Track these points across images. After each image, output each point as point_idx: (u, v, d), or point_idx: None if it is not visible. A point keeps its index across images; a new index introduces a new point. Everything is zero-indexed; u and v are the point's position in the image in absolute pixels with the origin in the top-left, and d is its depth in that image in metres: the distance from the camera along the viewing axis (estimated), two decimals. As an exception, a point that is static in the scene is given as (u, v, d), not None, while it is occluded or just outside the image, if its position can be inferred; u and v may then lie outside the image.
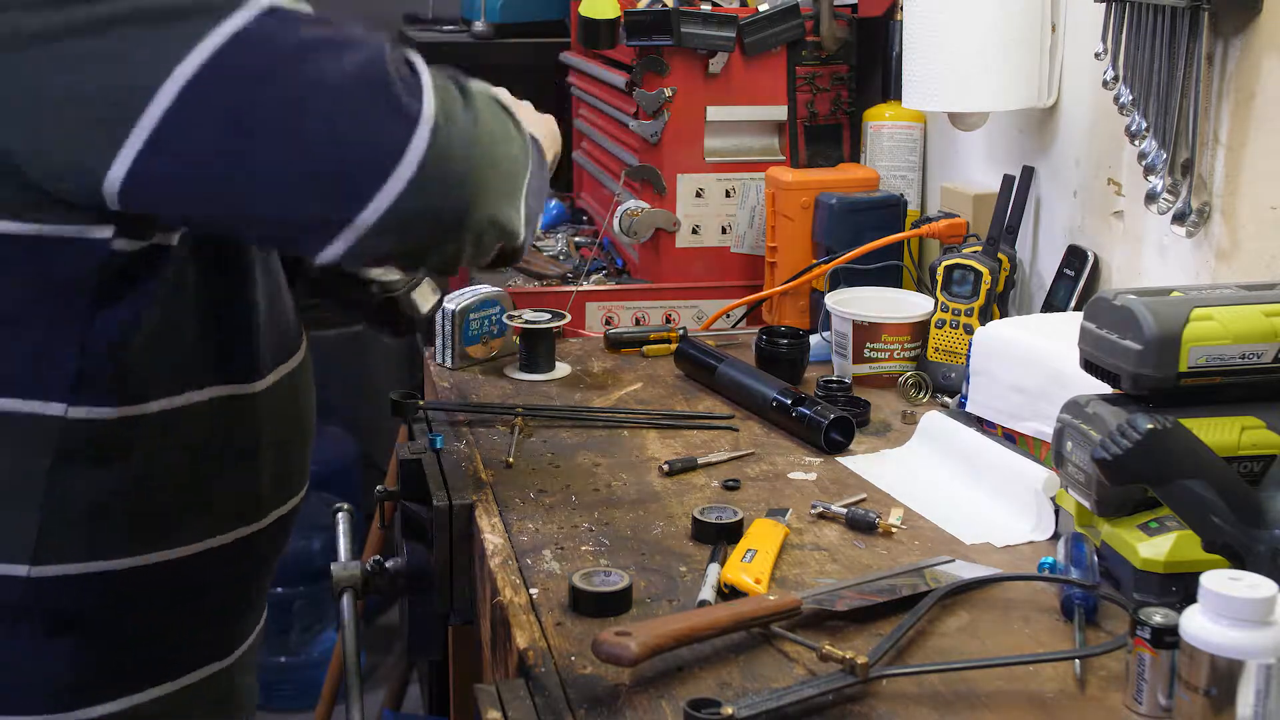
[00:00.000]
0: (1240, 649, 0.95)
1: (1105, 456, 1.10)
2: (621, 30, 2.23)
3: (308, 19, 1.00)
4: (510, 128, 1.12)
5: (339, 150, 0.99)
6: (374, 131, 0.99)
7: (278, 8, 0.99)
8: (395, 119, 0.99)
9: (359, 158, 0.99)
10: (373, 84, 0.98)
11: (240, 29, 0.97)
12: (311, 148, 0.99)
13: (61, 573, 1.13)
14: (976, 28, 1.80)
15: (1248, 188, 1.48)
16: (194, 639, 1.24)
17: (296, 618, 3.24)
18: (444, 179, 1.01)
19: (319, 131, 0.98)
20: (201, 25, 0.97)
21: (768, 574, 1.26)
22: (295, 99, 0.97)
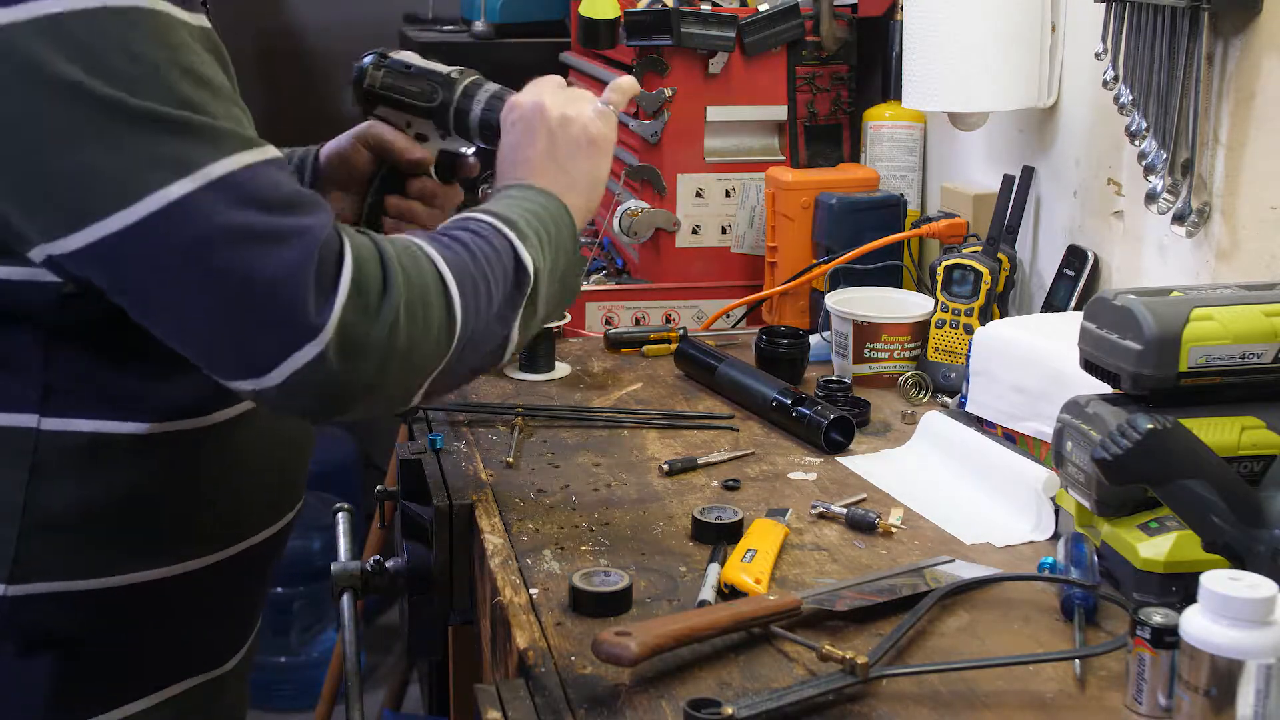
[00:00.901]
0: (1240, 649, 0.95)
1: (1105, 456, 1.10)
2: (621, 30, 2.23)
3: (255, 195, 1.01)
4: (434, 318, 1.09)
5: (227, 341, 1.03)
6: (258, 342, 1.02)
7: (229, 178, 1.01)
8: (285, 336, 1.01)
9: (240, 352, 1.03)
10: (279, 300, 1.00)
11: (187, 195, 0.99)
12: (203, 328, 1.03)
13: (39, 591, 1.11)
14: (976, 28, 1.80)
15: (1248, 188, 1.48)
16: (178, 655, 1.22)
17: (296, 618, 3.24)
18: (314, 390, 1.03)
19: (212, 322, 1.02)
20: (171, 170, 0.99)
21: (768, 574, 1.26)
22: (203, 286, 1.00)
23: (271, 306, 1.00)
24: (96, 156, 0.99)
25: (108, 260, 1.01)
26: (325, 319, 1.01)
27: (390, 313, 1.04)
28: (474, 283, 1.12)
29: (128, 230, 0.99)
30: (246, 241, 1.00)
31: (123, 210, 0.99)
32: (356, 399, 1.06)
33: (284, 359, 1.01)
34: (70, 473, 1.11)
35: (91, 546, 1.13)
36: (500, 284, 1.15)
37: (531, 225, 1.20)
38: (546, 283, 1.20)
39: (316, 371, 1.02)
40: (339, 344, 1.02)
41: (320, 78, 3.86)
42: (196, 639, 1.23)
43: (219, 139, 1.02)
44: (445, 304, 1.10)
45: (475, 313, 1.12)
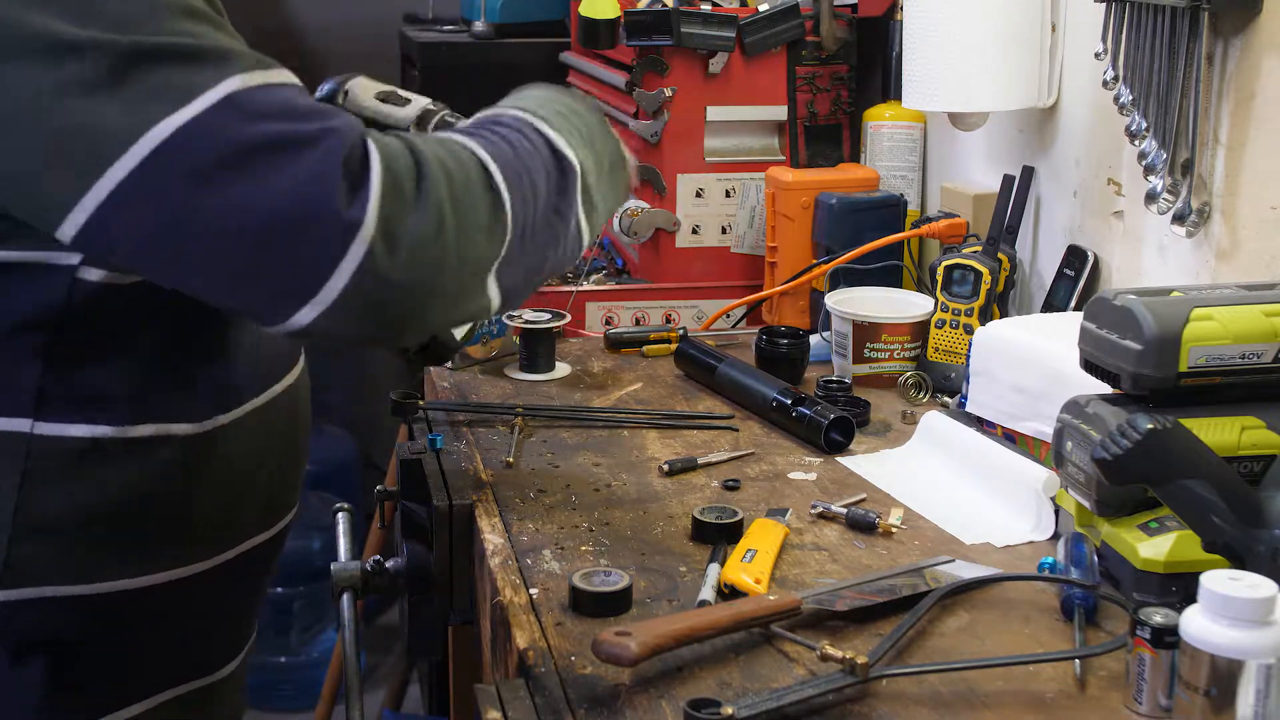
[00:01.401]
0: (1240, 649, 0.95)
1: (1105, 456, 1.10)
2: (621, 30, 2.23)
3: (267, 109, 0.96)
4: (480, 204, 1.03)
5: (267, 267, 0.97)
6: (302, 256, 0.96)
7: (236, 96, 0.96)
8: (326, 241, 0.95)
9: (285, 276, 0.97)
10: (310, 203, 0.94)
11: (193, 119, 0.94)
12: (242, 260, 0.97)
13: (32, 596, 1.10)
14: (976, 28, 1.80)
15: (1248, 188, 1.48)
16: (172, 660, 1.21)
17: (296, 618, 3.24)
18: (374, 298, 0.97)
19: (247, 250, 0.96)
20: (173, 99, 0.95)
21: (768, 574, 1.26)
22: (229, 210, 0.95)
23: (303, 215, 0.94)
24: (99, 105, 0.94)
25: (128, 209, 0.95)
26: (362, 213, 0.94)
27: (432, 200, 0.98)
28: (517, 173, 1.06)
29: (138, 169, 0.94)
30: (265, 152, 0.94)
31: (131, 149, 0.93)
32: (422, 301, 0.99)
33: (332, 269, 0.94)
34: (63, 477, 1.09)
35: (84, 551, 1.11)
36: (544, 176, 1.09)
37: (563, 119, 1.14)
38: (595, 175, 1.14)
39: (369, 275, 0.95)
40: (384, 238, 0.95)
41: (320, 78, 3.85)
42: (191, 645, 1.22)
43: (223, 59, 0.97)
44: (490, 187, 1.03)
45: (523, 201, 1.06)
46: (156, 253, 0.98)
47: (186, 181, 0.94)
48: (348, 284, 0.95)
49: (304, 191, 0.94)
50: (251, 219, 0.94)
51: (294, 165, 0.95)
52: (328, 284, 0.96)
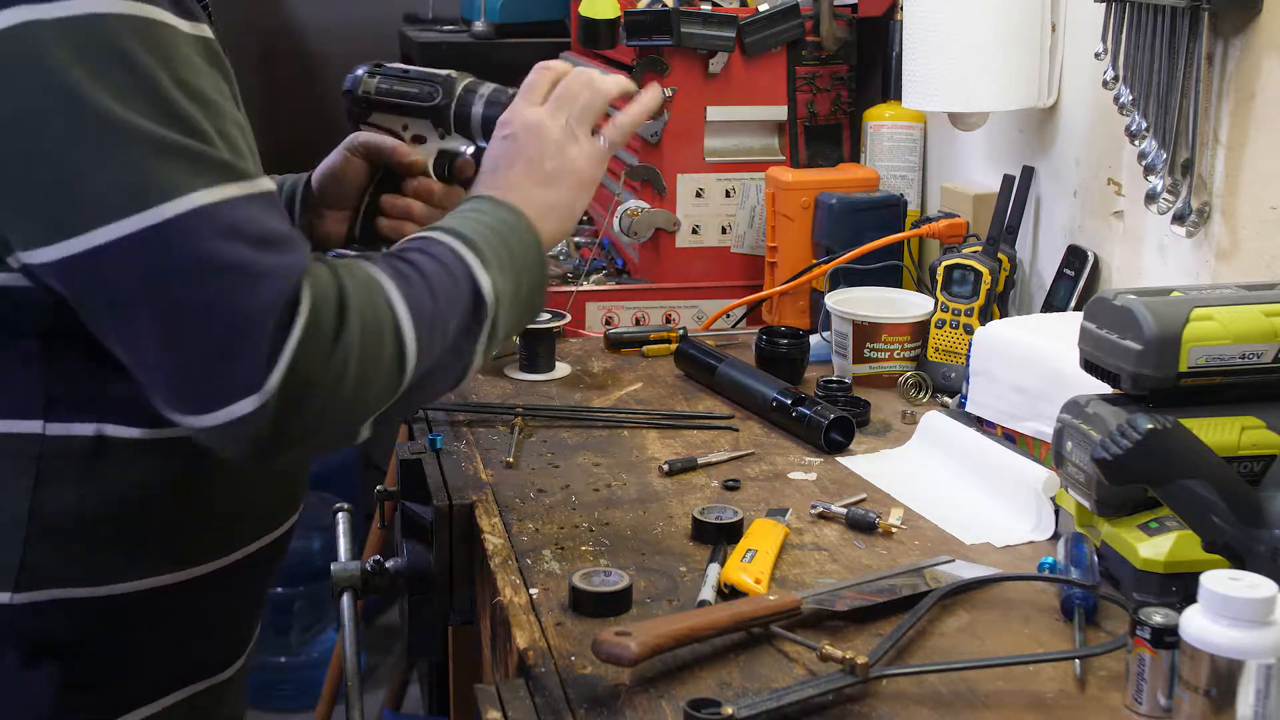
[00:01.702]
0: (1240, 649, 0.95)
1: (1105, 456, 1.10)
2: (621, 30, 2.23)
3: (224, 225, 0.99)
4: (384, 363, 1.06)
5: (178, 379, 1.02)
6: (205, 386, 1.00)
7: (212, 209, 0.99)
8: (234, 382, 1.00)
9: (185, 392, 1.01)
10: (234, 343, 0.99)
11: (166, 220, 0.98)
12: (158, 362, 1.01)
13: (44, 598, 1.11)
14: (976, 28, 1.80)
15: (1248, 188, 1.48)
16: (179, 661, 1.22)
17: (296, 618, 3.23)
18: (257, 434, 1.01)
19: (167, 356, 1.01)
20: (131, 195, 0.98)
21: (768, 574, 1.26)
22: (163, 315, 0.99)
23: (224, 349, 0.99)
24: (83, 169, 0.98)
25: (77, 275, 1.00)
26: (269, 378, 0.99)
27: (339, 358, 1.02)
28: (430, 321, 1.09)
29: (102, 248, 0.98)
30: (216, 274, 0.99)
31: (102, 228, 0.98)
32: (290, 448, 1.04)
33: (222, 407, 1.00)
34: (73, 478, 1.11)
35: (94, 553, 1.13)
36: (458, 315, 1.12)
37: (493, 247, 1.16)
38: (508, 308, 1.17)
39: (249, 425, 1.00)
40: (283, 392, 1.00)
41: (320, 78, 3.86)
42: (197, 646, 1.23)
43: (208, 167, 1.00)
44: (398, 349, 1.07)
45: (429, 352, 1.10)
46: (86, 311, 1.03)
47: (139, 276, 0.99)
48: (226, 424, 1.00)
49: (233, 330, 0.99)
50: (180, 331, 0.99)
51: (233, 299, 0.99)
52: (210, 414, 1.00)
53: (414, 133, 1.42)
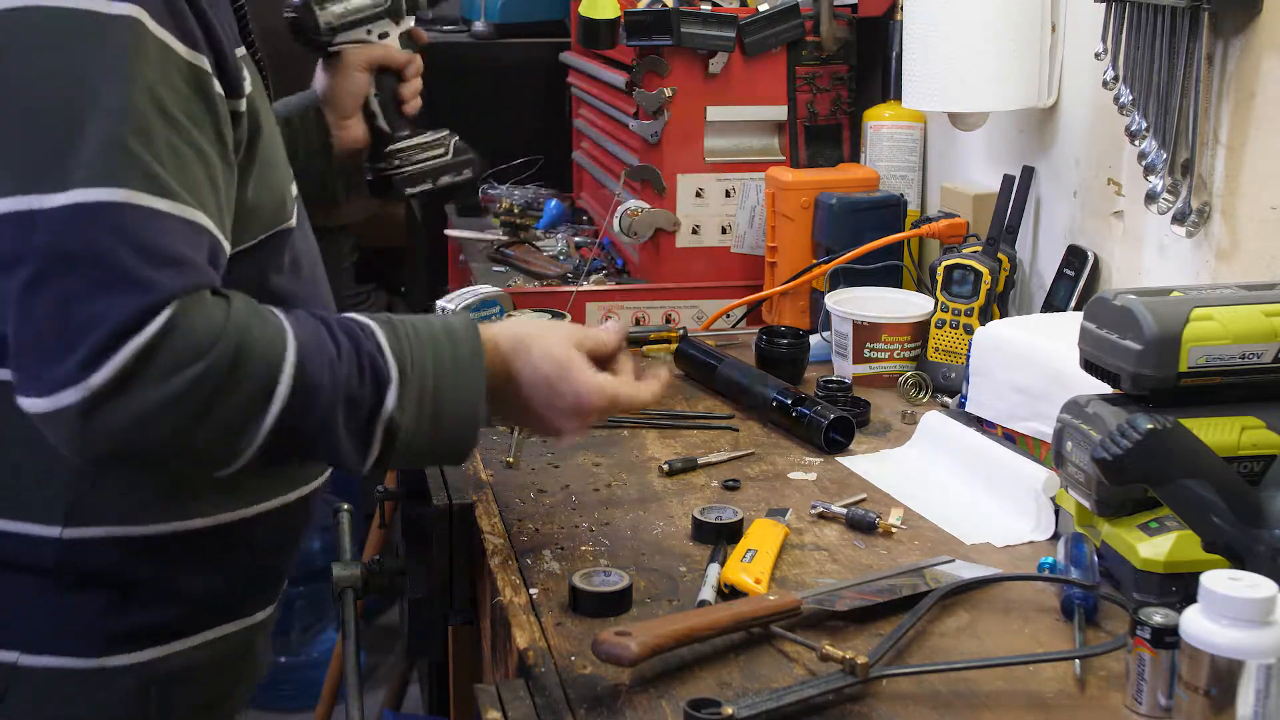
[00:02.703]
0: (1240, 649, 0.95)
1: (1105, 456, 1.10)
2: (621, 30, 2.23)
3: (116, 226, 1.03)
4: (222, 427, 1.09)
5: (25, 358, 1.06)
6: (43, 369, 1.04)
7: (94, 205, 1.03)
8: (55, 366, 1.03)
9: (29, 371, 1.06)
10: (77, 332, 1.03)
11: (36, 209, 1.03)
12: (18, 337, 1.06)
13: (93, 535, 1.20)
14: (976, 28, 1.80)
15: (1248, 188, 1.48)
16: (218, 601, 1.30)
17: (296, 618, 3.23)
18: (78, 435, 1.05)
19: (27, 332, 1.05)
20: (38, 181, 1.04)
21: (768, 574, 1.26)
22: (29, 288, 1.04)
23: (68, 339, 1.02)
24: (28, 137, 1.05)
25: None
26: (94, 376, 1.02)
27: (178, 385, 1.05)
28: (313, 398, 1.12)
29: (5, 217, 1.04)
30: (88, 266, 1.03)
31: (14, 197, 1.04)
32: (110, 451, 1.07)
33: (49, 393, 1.03)
34: None
35: (137, 494, 1.22)
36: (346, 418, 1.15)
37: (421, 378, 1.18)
38: (404, 441, 1.18)
39: (69, 416, 1.03)
40: (98, 399, 1.03)
41: (320, 78, 3.85)
42: (233, 587, 1.31)
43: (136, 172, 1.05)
44: (259, 405, 1.09)
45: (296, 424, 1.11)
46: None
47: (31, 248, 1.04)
48: (58, 408, 1.03)
49: (79, 322, 1.03)
50: (24, 315, 1.04)
51: (91, 294, 1.03)
52: (50, 395, 1.03)
53: (379, 32, 1.60)
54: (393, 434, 1.17)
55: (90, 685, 1.23)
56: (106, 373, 1.02)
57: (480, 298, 1.89)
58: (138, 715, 1.25)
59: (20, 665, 1.22)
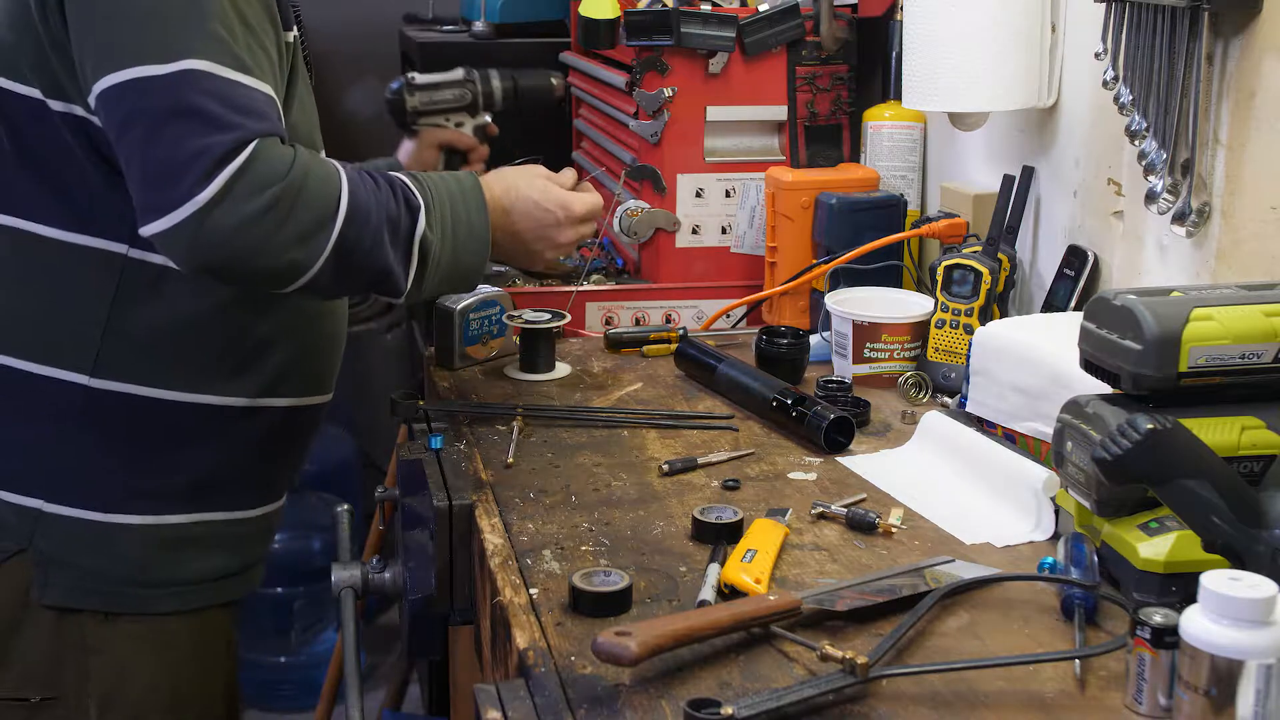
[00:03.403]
0: (1240, 649, 0.95)
1: (1105, 456, 1.10)
2: (621, 30, 2.23)
3: (210, 89, 1.32)
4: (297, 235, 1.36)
5: (150, 188, 1.34)
6: (166, 193, 1.32)
7: (192, 73, 1.32)
8: (171, 193, 1.32)
9: (155, 198, 1.34)
10: (190, 165, 1.31)
11: (150, 76, 1.32)
12: (141, 175, 1.34)
13: (117, 389, 1.46)
14: (976, 28, 1.80)
15: (1248, 188, 1.48)
16: (217, 482, 1.52)
17: (296, 618, 3.23)
18: (190, 246, 1.33)
19: (147, 171, 1.33)
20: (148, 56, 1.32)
21: (768, 574, 1.26)
22: (135, 144, 1.33)
23: (164, 172, 1.31)
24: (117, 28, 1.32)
25: (108, 107, 1.33)
26: (201, 194, 1.30)
27: (267, 200, 1.32)
28: (365, 213, 1.41)
29: (111, 89, 1.32)
30: (188, 116, 1.31)
31: (131, 68, 1.31)
32: (218, 258, 1.33)
33: (167, 214, 1.31)
34: (144, 296, 1.44)
35: (155, 360, 1.46)
36: (389, 228, 1.43)
37: (441, 207, 1.50)
38: (437, 255, 1.48)
39: (184, 230, 1.31)
40: (206, 213, 1.30)
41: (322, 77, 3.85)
42: (230, 476, 1.54)
43: (221, 50, 1.33)
44: (326, 214, 1.37)
45: (353, 236, 1.39)
46: (113, 135, 1.35)
47: (128, 114, 1.33)
48: (176, 222, 1.31)
49: (179, 154, 1.31)
50: (143, 157, 1.33)
51: (188, 135, 1.31)
52: (167, 215, 1.31)
53: (455, 121, 2.02)
54: (426, 252, 1.47)
55: (103, 537, 1.47)
56: (212, 190, 1.30)
57: (480, 298, 1.89)
58: (140, 572, 1.49)
59: (45, 511, 1.46)
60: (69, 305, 1.45)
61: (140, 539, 1.49)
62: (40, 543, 1.47)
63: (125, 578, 1.49)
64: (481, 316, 1.89)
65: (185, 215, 1.30)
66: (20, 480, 1.47)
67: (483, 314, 1.89)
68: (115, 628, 1.50)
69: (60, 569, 1.48)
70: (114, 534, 1.48)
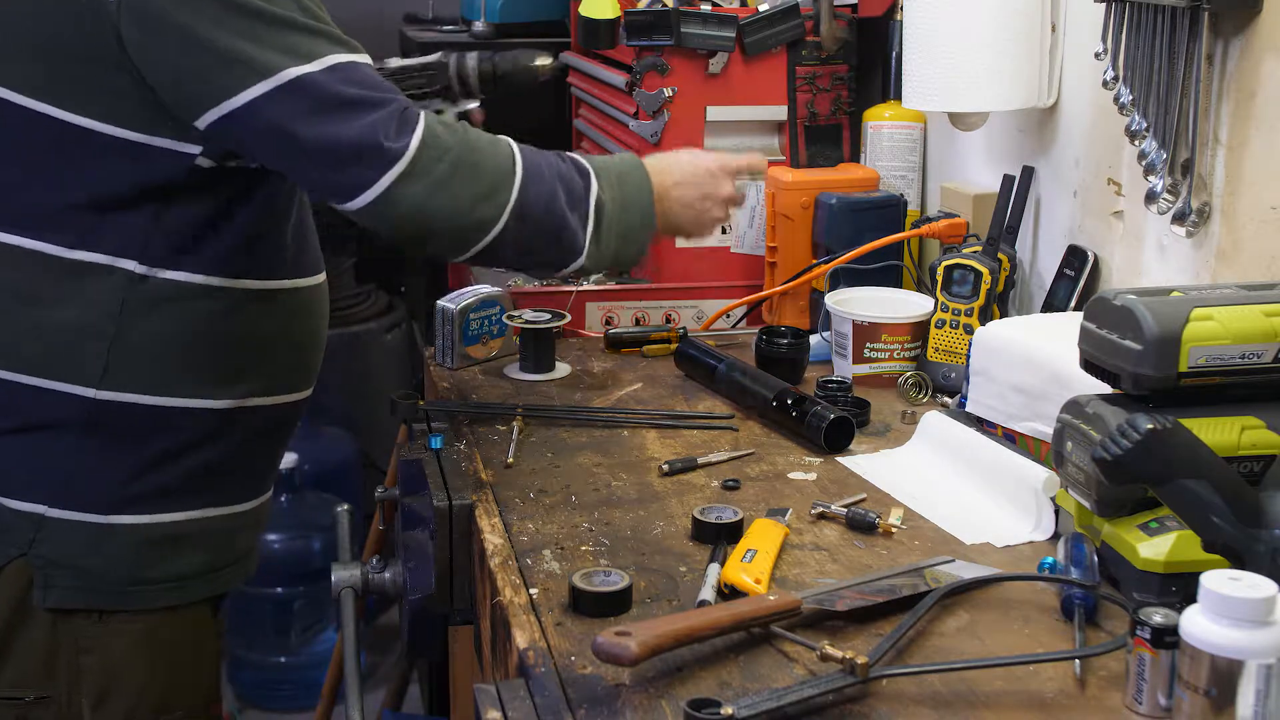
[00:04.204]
0: (1240, 649, 0.95)
1: (1105, 456, 1.10)
2: (621, 30, 2.23)
3: (353, 79, 1.42)
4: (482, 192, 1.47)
5: (341, 172, 1.44)
6: (357, 170, 1.43)
7: (339, 65, 1.42)
8: (373, 167, 1.42)
9: (350, 178, 1.44)
10: (361, 144, 1.41)
11: (306, 74, 1.40)
12: (324, 166, 1.43)
13: (121, 399, 1.47)
14: (976, 28, 1.80)
15: (1248, 188, 1.48)
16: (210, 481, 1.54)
17: (296, 618, 3.23)
18: (394, 209, 1.44)
19: (329, 160, 1.43)
20: (295, 58, 1.40)
21: (768, 574, 1.26)
22: (321, 136, 1.41)
23: (362, 148, 1.40)
24: (243, 46, 1.37)
25: (251, 121, 1.39)
26: (401, 154, 1.41)
27: (446, 168, 1.44)
28: (539, 173, 1.50)
29: (268, 94, 1.38)
30: (346, 107, 1.40)
31: (262, 82, 1.37)
32: (413, 227, 1.45)
33: (362, 193, 1.42)
34: (152, 310, 1.46)
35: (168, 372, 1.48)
36: (564, 188, 1.51)
37: (609, 176, 1.57)
38: (611, 217, 1.55)
39: (381, 204, 1.42)
40: (405, 176, 1.41)
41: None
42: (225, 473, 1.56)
43: (334, 40, 1.43)
44: (502, 178, 1.47)
45: (529, 196, 1.48)
46: (269, 150, 1.43)
47: (296, 112, 1.40)
48: (379, 193, 1.42)
49: (365, 134, 1.41)
50: (333, 143, 1.41)
51: (364, 118, 1.41)
52: (370, 189, 1.42)
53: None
54: (601, 211, 1.55)
55: (101, 539, 1.49)
56: (405, 161, 1.42)
57: (480, 297, 1.89)
58: (135, 570, 1.51)
59: (48, 516, 1.48)
60: (77, 322, 1.45)
61: (136, 538, 1.50)
62: (41, 548, 1.48)
63: (121, 577, 1.51)
64: (481, 316, 1.89)
65: (384, 188, 1.41)
66: (23, 487, 1.48)
67: (483, 314, 1.89)
68: (108, 626, 1.51)
69: (60, 572, 1.49)
70: (111, 534, 1.49)
